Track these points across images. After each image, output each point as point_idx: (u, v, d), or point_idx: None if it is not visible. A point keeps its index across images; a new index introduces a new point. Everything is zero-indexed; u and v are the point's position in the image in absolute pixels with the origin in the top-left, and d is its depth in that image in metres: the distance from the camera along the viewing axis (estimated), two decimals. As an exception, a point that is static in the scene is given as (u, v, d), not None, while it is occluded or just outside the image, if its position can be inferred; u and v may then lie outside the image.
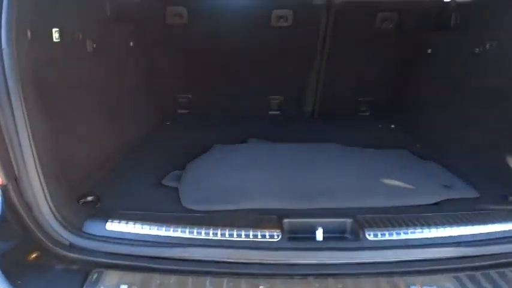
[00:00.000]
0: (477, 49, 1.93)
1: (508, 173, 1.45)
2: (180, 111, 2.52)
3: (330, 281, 0.99)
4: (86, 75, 1.62)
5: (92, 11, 1.78)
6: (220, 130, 2.18)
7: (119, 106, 1.85)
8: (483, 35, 1.84)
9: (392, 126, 2.45)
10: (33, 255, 1.03)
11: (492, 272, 1.05)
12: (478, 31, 1.91)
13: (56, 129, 1.19)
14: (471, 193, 1.39)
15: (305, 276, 1.00)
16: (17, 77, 1.05)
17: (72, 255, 1.05)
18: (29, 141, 1.07)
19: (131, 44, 2.11)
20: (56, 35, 1.45)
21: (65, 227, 1.07)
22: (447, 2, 2.23)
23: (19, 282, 0.94)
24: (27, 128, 1.06)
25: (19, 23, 1.08)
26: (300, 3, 2.21)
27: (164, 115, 2.44)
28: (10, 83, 1.05)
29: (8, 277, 0.93)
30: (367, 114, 2.58)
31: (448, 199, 1.34)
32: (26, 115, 1.06)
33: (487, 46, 1.86)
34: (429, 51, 2.24)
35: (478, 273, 1.04)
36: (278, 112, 2.54)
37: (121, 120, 1.84)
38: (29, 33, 1.16)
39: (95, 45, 1.75)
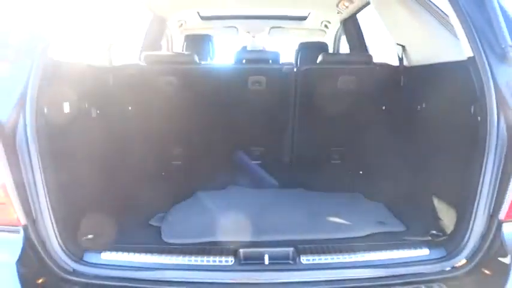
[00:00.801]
0: (419, 106, 2.30)
1: (433, 212, 1.76)
2: (174, 162, 2.88)
3: None
4: (90, 136, 1.98)
5: (96, 82, 2.18)
6: (206, 178, 2.52)
7: (118, 162, 2.21)
8: (422, 95, 2.21)
9: (361, 172, 2.78)
10: (45, 279, 1.35)
11: None
12: (419, 92, 2.28)
13: (64, 182, 1.54)
14: (399, 227, 1.70)
15: None
16: (36, 144, 1.41)
17: (74, 278, 1.36)
18: (44, 192, 1.39)
19: (129, 108, 2.51)
20: (66, 108, 1.82)
21: (69, 257, 1.38)
22: (397, 66, 2.64)
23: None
24: (42, 182, 1.39)
25: (39, 103, 1.44)
26: (271, 71, 2.63)
27: (160, 166, 2.79)
28: (31, 149, 1.41)
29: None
30: (339, 162, 2.91)
31: (379, 232, 1.65)
32: (41, 172, 1.40)
33: (423, 105, 2.23)
34: (383, 107, 2.62)
35: None
36: (259, 161, 2.89)
37: (121, 173, 2.19)
38: (45, 110, 1.48)
39: (98, 111, 2.13)
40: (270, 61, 2.64)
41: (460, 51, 1.60)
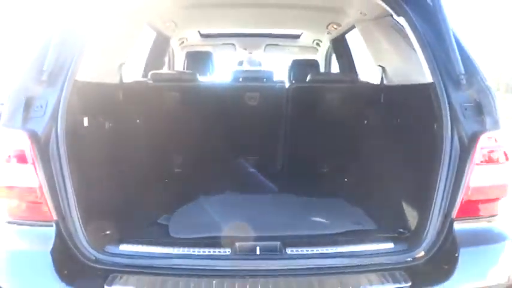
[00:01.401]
0: (395, 121, 2.59)
1: (401, 214, 2.05)
2: (176, 170, 3.15)
3: (261, 279, 1.56)
4: (104, 146, 2.25)
5: (109, 98, 2.45)
6: (205, 184, 2.79)
7: (128, 168, 2.48)
8: (398, 111, 2.50)
9: (346, 179, 3.06)
10: (73, 265, 1.61)
11: (371, 275, 1.61)
12: (396, 108, 2.57)
13: (85, 185, 1.80)
14: (372, 226, 1.99)
15: (244, 276, 1.58)
16: (65, 153, 1.68)
17: (97, 266, 1.62)
18: (71, 193, 1.66)
19: (137, 121, 2.80)
20: (85, 122, 2.11)
21: (92, 248, 1.63)
22: (377, 85, 2.94)
23: (66, 280, 1.52)
24: (70, 185, 1.67)
25: (68, 119, 1.73)
26: (265, 88, 2.93)
27: (163, 173, 3.07)
28: (62, 157, 1.66)
29: (60, 276, 1.52)
30: (326, 170, 3.20)
31: (354, 230, 1.94)
32: (69, 176, 1.68)
33: (399, 120, 2.52)
34: (365, 122, 2.92)
35: (361, 275, 1.60)
36: (254, 169, 3.17)
37: (130, 178, 2.46)
38: (71, 123, 1.71)
39: (110, 124, 2.40)
40: (264, 79, 2.94)
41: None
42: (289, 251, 1.67)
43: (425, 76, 1.89)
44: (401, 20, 1.98)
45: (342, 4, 2.84)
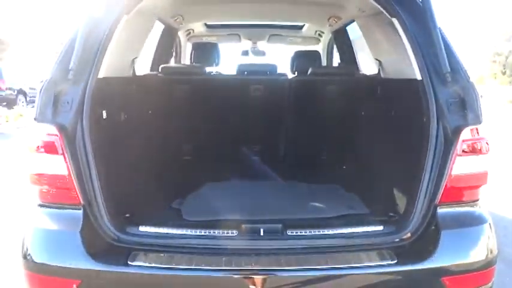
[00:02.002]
0: (391, 113, 2.76)
1: (392, 199, 2.25)
2: (185, 157, 3.36)
3: (263, 257, 1.77)
4: (121, 136, 2.45)
5: (124, 91, 2.63)
6: (213, 171, 3.00)
7: (142, 156, 2.69)
8: (393, 104, 2.67)
9: (344, 167, 3.26)
10: (99, 244, 1.83)
11: (361, 253, 1.82)
12: (391, 100, 2.74)
13: (106, 172, 2.00)
14: (365, 210, 2.19)
15: (249, 254, 1.79)
16: (89, 143, 1.87)
17: (120, 244, 1.84)
18: (96, 179, 1.85)
19: (150, 112, 2.99)
20: (104, 114, 2.29)
21: (115, 228, 1.83)
22: (374, 78, 3.10)
23: (94, 257, 1.74)
24: (95, 172, 1.87)
25: (91, 111, 1.92)
26: (268, 81, 3.11)
27: (173, 160, 3.28)
28: (87, 147, 1.86)
29: (89, 253, 1.74)
30: (325, 157, 3.40)
31: (348, 214, 2.15)
32: (94, 164, 1.88)
33: (393, 112, 2.70)
34: (362, 113, 3.10)
35: (352, 254, 1.81)
36: (258, 157, 3.37)
37: (144, 165, 2.67)
38: (94, 116, 1.91)
39: (126, 115, 2.60)
40: (268, 72, 3.12)
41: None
42: (289, 232, 1.88)
43: (415, 72, 2.06)
44: (394, 21, 2.13)
45: (341, 1, 2.98)
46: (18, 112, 13.12)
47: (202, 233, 1.88)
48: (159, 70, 3.05)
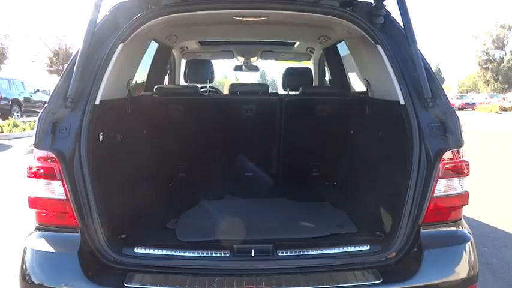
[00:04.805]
0: (380, 132, 2.85)
1: (379, 218, 2.33)
2: (179, 175, 3.43)
3: (254, 277, 1.85)
4: (117, 158, 2.52)
5: (119, 113, 2.70)
6: (207, 190, 3.06)
7: (137, 175, 2.75)
8: (380, 124, 2.76)
9: (335, 183, 3.35)
10: (96, 266, 1.89)
11: (348, 273, 1.89)
12: (379, 120, 2.84)
13: (103, 195, 2.06)
14: (352, 229, 2.28)
15: (241, 275, 1.86)
16: (87, 168, 1.93)
17: (116, 266, 1.90)
18: (93, 203, 1.91)
19: (144, 131, 3.07)
20: (100, 137, 2.36)
21: (112, 251, 1.89)
22: (363, 97, 3.20)
23: (91, 278, 1.80)
24: (92, 196, 1.94)
25: (88, 136, 1.99)
26: (260, 101, 3.20)
27: (168, 178, 3.35)
28: (84, 172, 1.93)
29: (86, 275, 1.80)
30: (317, 174, 3.48)
31: (336, 233, 2.23)
32: (91, 189, 1.94)
33: (380, 132, 2.79)
34: (351, 132, 3.19)
35: (339, 273, 1.89)
36: (251, 174, 3.45)
37: (139, 184, 2.74)
38: (90, 142, 1.92)
39: (121, 136, 2.67)
40: (260, 93, 3.22)
41: None
42: (279, 253, 1.96)
43: (399, 96, 2.16)
44: (377, 47, 2.24)
45: (330, 24, 3.09)
46: (13, 122, 13.12)
47: (196, 254, 1.95)
48: (154, 91, 3.13)
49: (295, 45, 4.76)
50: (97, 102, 2.04)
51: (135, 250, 1.96)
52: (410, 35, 2.09)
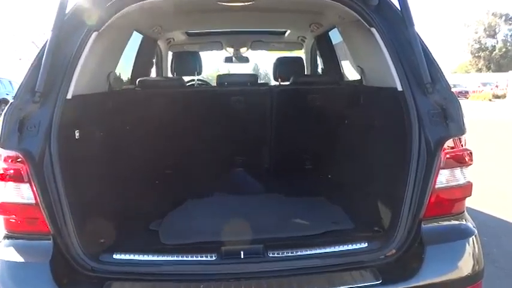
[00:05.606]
0: (376, 122, 2.71)
1: (377, 213, 2.19)
2: (166, 172, 3.27)
3: (243, 282, 1.70)
4: (96, 155, 2.35)
5: (99, 108, 2.53)
6: (195, 187, 2.91)
7: (120, 173, 2.59)
8: (376, 112, 2.62)
9: (329, 176, 3.21)
10: (71, 275, 1.74)
11: (345, 273, 1.76)
12: (374, 109, 2.69)
13: (80, 197, 1.89)
14: (349, 226, 2.13)
15: (228, 279, 1.72)
16: (58, 169, 1.77)
17: (93, 274, 1.74)
18: (67, 207, 1.75)
19: (127, 127, 2.89)
20: (77, 134, 2.20)
21: (88, 258, 1.74)
22: (357, 86, 3.05)
23: (64, 286, 1.65)
24: (65, 199, 1.75)
25: (61, 133, 1.82)
26: (249, 92, 3.04)
27: (154, 175, 3.18)
28: (56, 173, 1.77)
29: (60, 286, 1.65)
30: (311, 167, 3.34)
31: (332, 230, 2.09)
32: (63, 191, 1.77)
33: (376, 121, 2.64)
34: (346, 122, 3.04)
35: (335, 274, 1.75)
36: (242, 168, 3.30)
37: (122, 183, 2.58)
38: (63, 139, 1.77)
39: (101, 133, 2.50)
40: (249, 83, 3.05)
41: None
42: (270, 253, 1.81)
43: (396, 82, 2.01)
44: (372, 30, 2.08)
45: (321, 9, 2.93)
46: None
47: (179, 258, 1.80)
48: (136, 84, 2.96)
49: (286, 34, 4.59)
50: (69, 96, 1.87)
51: (114, 256, 1.81)
52: (407, 17, 1.93)
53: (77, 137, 2.13)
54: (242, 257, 1.80)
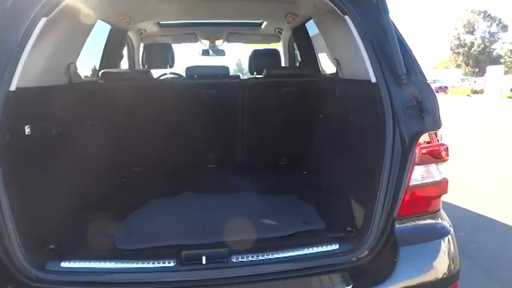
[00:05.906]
0: (351, 116, 2.59)
1: (349, 212, 2.08)
2: (134, 169, 3.10)
3: None
4: (50, 153, 2.17)
5: (55, 102, 2.34)
6: (160, 185, 2.75)
7: (79, 172, 2.41)
8: (351, 106, 2.50)
9: (305, 172, 3.09)
10: (10, 285, 1.56)
11: (312, 278, 1.64)
12: (349, 102, 2.58)
13: (26, 198, 1.73)
14: (321, 225, 2.01)
15: (188, 287, 1.58)
16: (2, 164, 1.61)
17: (38, 285, 1.58)
18: (7, 208, 1.58)
19: (88, 123, 2.71)
20: (27, 130, 2.01)
21: (32, 266, 1.57)
22: (332, 78, 2.93)
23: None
24: (6, 201, 1.59)
25: (3, 131, 1.65)
26: (220, 85, 2.89)
27: (122, 173, 3.00)
28: None
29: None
30: (286, 163, 3.22)
31: (302, 231, 1.96)
32: (5, 192, 1.59)
33: (351, 115, 2.53)
34: (321, 116, 2.93)
35: (303, 280, 1.62)
36: (214, 165, 3.16)
37: (83, 183, 2.39)
38: (8, 136, 1.64)
39: (58, 129, 2.31)
40: (219, 76, 2.90)
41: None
42: (234, 258, 1.67)
43: (370, 74, 1.90)
44: (346, 18, 1.96)
45: None
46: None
47: (134, 265, 1.65)
48: (99, 76, 2.76)
49: (263, 26, 4.44)
50: (12, 88, 1.68)
51: (62, 264, 1.65)
52: (381, 3, 1.82)
53: (27, 133, 1.95)
54: (204, 262, 1.66)
